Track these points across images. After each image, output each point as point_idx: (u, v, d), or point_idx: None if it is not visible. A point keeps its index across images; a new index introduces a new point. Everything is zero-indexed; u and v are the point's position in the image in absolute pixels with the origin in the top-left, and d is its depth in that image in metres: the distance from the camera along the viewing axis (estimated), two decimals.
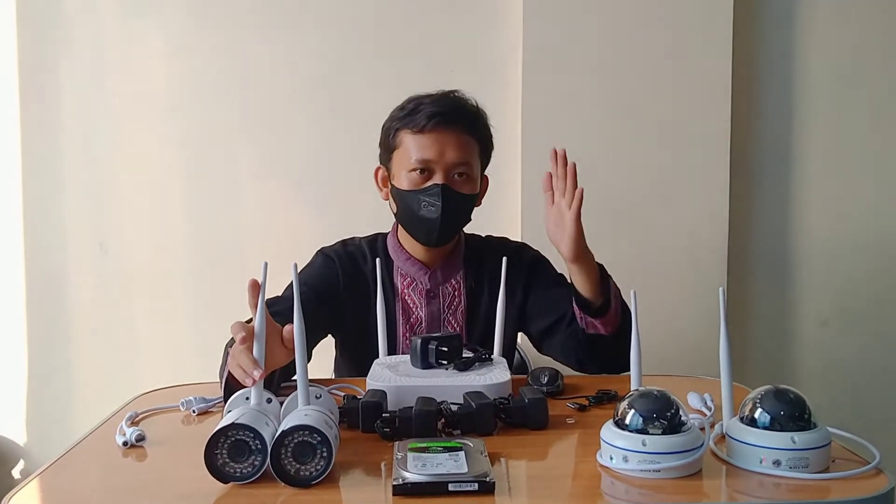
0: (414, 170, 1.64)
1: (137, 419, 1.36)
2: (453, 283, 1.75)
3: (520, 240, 1.91)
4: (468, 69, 2.39)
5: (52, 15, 2.40)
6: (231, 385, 1.26)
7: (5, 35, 2.40)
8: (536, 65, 2.35)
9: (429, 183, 1.63)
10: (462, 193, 1.65)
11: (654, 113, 2.37)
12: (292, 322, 1.23)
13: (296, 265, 1.20)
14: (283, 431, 1.00)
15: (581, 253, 1.54)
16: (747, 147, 2.44)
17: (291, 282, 1.64)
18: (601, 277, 1.57)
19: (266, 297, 1.17)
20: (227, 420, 1.03)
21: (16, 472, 2.48)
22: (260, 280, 1.15)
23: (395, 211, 1.73)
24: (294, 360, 1.29)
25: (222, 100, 2.43)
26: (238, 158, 2.44)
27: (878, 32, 2.45)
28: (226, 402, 1.26)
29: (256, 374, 1.12)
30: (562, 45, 2.34)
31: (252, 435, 1.01)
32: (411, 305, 1.73)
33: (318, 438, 1.00)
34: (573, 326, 1.62)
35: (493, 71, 2.40)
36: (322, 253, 1.77)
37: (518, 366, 1.91)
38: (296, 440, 1.00)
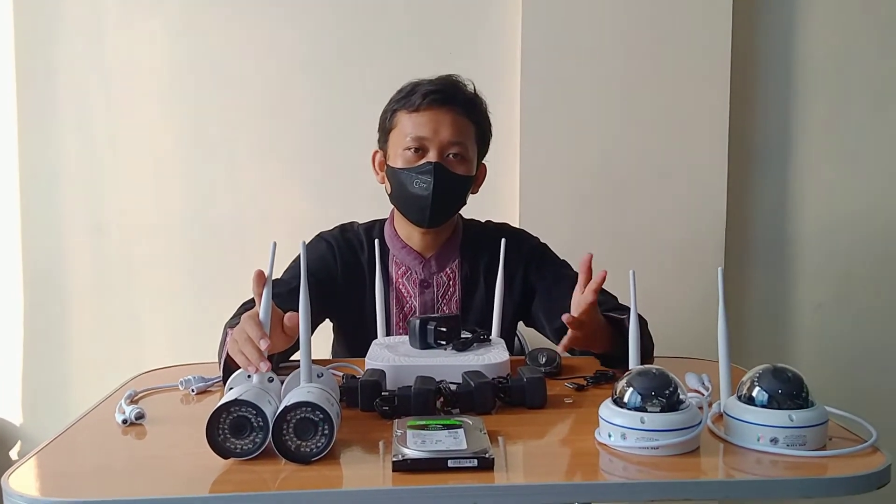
0: (408, 148, 1.64)
1: (137, 398, 1.36)
2: (448, 272, 1.75)
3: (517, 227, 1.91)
4: (466, 55, 2.38)
5: None
6: (230, 366, 1.26)
7: (2, 19, 2.38)
8: (535, 52, 2.34)
9: (422, 161, 1.64)
10: (455, 173, 1.65)
11: (653, 99, 2.36)
12: (289, 304, 1.24)
13: (304, 242, 1.20)
14: (285, 407, 1.00)
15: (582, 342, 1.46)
16: (745, 134, 2.44)
17: (290, 265, 1.66)
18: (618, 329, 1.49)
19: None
20: (229, 396, 1.04)
21: (13, 454, 2.48)
22: (267, 263, 1.15)
23: (389, 192, 1.72)
24: (290, 344, 1.30)
25: (221, 82, 2.42)
26: (236, 141, 2.43)
27: (877, 21, 2.44)
28: (224, 383, 1.27)
29: (263, 367, 1.12)
30: (560, 31, 2.33)
31: (254, 412, 1.01)
32: (405, 294, 1.73)
33: (321, 415, 1.01)
34: None
35: (491, 58, 2.39)
36: (321, 237, 1.77)
37: (517, 351, 1.91)
38: (298, 416, 1.01)
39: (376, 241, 1.63)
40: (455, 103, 1.66)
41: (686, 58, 2.35)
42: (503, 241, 1.59)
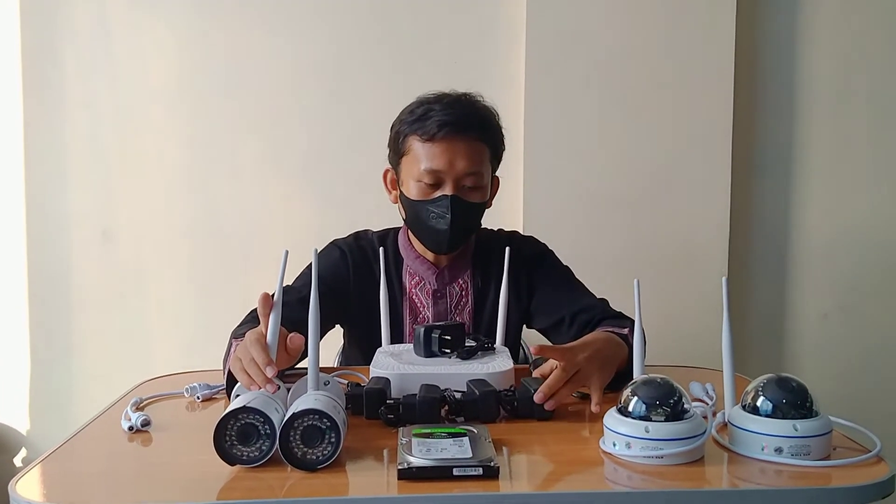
0: (422, 179, 1.61)
1: (142, 405, 1.37)
2: (461, 282, 1.75)
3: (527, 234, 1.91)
4: (471, 63, 2.40)
5: (56, 3, 2.40)
6: (234, 378, 1.26)
7: (9, 23, 2.40)
8: (539, 59, 2.35)
9: (438, 193, 1.61)
10: (472, 202, 1.63)
11: (657, 107, 2.37)
12: (299, 312, 1.24)
13: (316, 251, 1.21)
14: (293, 414, 1.01)
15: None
16: (749, 142, 2.45)
17: (301, 272, 1.67)
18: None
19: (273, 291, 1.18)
20: (237, 404, 1.04)
21: (17, 461, 2.49)
22: (277, 271, 1.16)
23: (404, 217, 1.72)
24: (292, 363, 1.31)
25: (227, 90, 2.43)
26: (242, 149, 2.45)
27: (882, 29, 2.45)
28: (228, 392, 1.27)
29: (270, 388, 1.12)
30: (564, 39, 2.35)
31: (262, 419, 1.02)
32: (418, 305, 1.73)
33: (328, 423, 1.01)
34: (575, 332, 1.62)
35: (495, 64, 2.40)
36: (335, 245, 1.77)
37: (522, 360, 1.90)
38: (305, 424, 1.01)
39: (381, 249, 1.63)
40: (470, 130, 1.61)
41: (689, 69, 2.36)
42: (507, 250, 1.59)
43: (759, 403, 1.07)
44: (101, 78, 2.43)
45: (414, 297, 1.73)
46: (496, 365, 1.39)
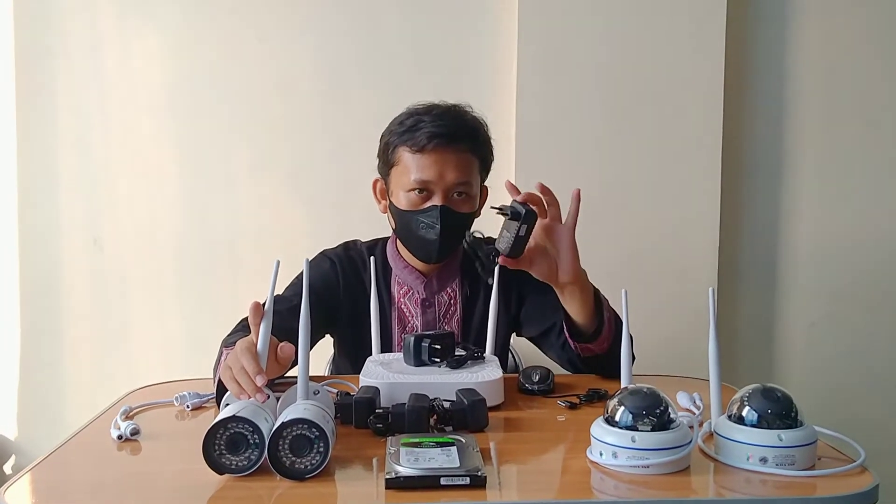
0: (412, 189, 1.63)
1: (132, 413, 1.37)
2: (449, 291, 1.76)
3: None
4: (462, 70, 2.41)
5: (48, 11, 2.40)
6: (224, 386, 1.27)
7: (2, 31, 2.40)
8: (530, 67, 2.36)
9: (427, 204, 1.62)
10: (461, 213, 1.65)
11: (647, 114, 2.38)
12: (289, 322, 1.24)
13: (307, 260, 1.21)
14: (282, 423, 1.01)
15: (577, 274, 1.52)
16: (739, 150, 2.46)
17: (292, 282, 1.67)
18: (595, 300, 1.56)
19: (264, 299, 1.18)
20: (226, 413, 1.04)
21: (7, 468, 2.48)
22: (268, 280, 1.16)
23: (393, 227, 1.73)
24: (282, 373, 1.31)
25: (217, 97, 2.43)
26: (232, 155, 2.45)
27: (870, 35, 2.46)
28: (218, 402, 1.27)
29: (260, 397, 1.12)
30: (556, 47, 2.36)
31: (251, 429, 1.02)
32: (407, 314, 1.74)
33: (316, 433, 1.02)
34: (565, 339, 1.63)
35: (487, 73, 2.41)
36: (325, 255, 1.77)
37: (511, 368, 1.91)
38: (294, 433, 1.02)
39: (371, 259, 1.63)
40: (459, 141, 1.63)
41: (679, 77, 2.37)
42: (499, 258, 1.60)
43: (744, 413, 1.07)
44: (92, 85, 2.43)
45: (402, 306, 1.74)
46: (486, 374, 1.39)
